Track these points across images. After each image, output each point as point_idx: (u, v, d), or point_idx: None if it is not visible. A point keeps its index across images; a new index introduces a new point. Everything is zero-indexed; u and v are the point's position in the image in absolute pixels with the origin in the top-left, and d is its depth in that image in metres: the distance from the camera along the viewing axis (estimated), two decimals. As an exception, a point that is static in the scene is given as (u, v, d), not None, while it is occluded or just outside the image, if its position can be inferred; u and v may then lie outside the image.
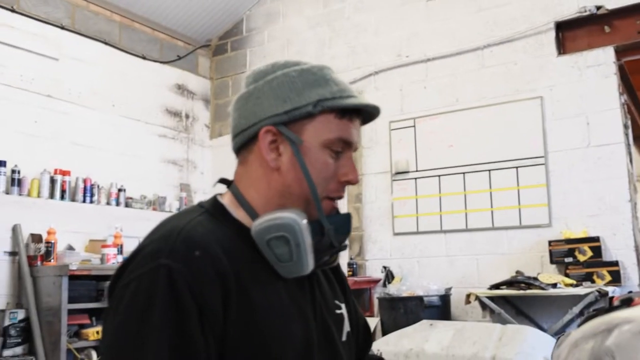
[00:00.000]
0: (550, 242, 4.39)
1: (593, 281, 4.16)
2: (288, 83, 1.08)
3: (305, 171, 1.05)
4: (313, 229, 1.03)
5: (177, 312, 0.89)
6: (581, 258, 4.24)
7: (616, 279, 4.13)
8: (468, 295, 4.31)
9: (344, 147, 1.09)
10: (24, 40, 4.92)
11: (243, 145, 1.12)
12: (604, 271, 4.17)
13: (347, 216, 1.14)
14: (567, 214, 4.47)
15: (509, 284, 4.31)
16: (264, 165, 1.08)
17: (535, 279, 4.22)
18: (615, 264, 4.18)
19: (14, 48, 4.84)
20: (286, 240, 1.00)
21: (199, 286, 0.91)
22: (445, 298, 4.61)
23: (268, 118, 1.07)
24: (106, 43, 5.60)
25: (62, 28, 5.24)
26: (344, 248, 1.13)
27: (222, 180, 1.20)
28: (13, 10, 4.89)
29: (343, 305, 1.23)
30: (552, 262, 4.37)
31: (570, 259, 4.27)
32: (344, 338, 1.18)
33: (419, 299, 4.48)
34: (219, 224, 1.05)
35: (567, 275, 4.26)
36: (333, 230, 1.07)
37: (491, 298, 4.21)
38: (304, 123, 1.07)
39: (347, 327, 1.21)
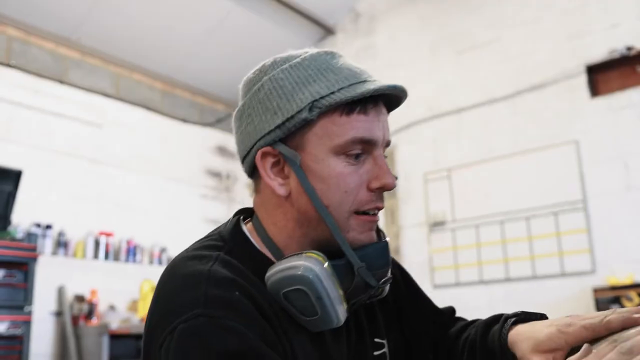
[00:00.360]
0: (594, 290, 4.21)
1: (643, 330, 3.94)
2: (276, 89, 0.89)
3: (311, 192, 0.86)
4: (341, 270, 0.85)
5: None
6: (628, 305, 4.04)
7: (668, 326, 3.90)
8: (511, 348, 4.15)
9: (366, 147, 0.88)
10: (71, 109, 5.22)
11: (251, 173, 0.95)
12: (653, 319, 3.95)
13: (383, 246, 0.91)
14: (611, 259, 4.30)
15: (554, 334, 4.13)
16: (273, 192, 0.91)
17: (581, 328, 4.03)
18: (666, 310, 3.96)
19: (61, 117, 5.13)
20: (304, 293, 0.82)
21: (252, 327, 0.77)
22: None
23: (262, 138, 0.89)
24: (148, 109, 5.87)
25: (107, 96, 5.54)
26: (384, 285, 0.91)
27: (243, 210, 1.02)
28: (62, 82, 5.22)
29: (385, 342, 1.03)
30: (597, 310, 4.17)
31: (616, 307, 4.07)
32: None
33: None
34: (246, 263, 0.88)
35: (615, 324, 4.05)
36: (365, 268, 0.86)
37: (535, 350, 4.04)
38: (305, 132, 0.87)
39: None
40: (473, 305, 4.85)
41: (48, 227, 4.78)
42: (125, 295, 5.12)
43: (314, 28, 6.32)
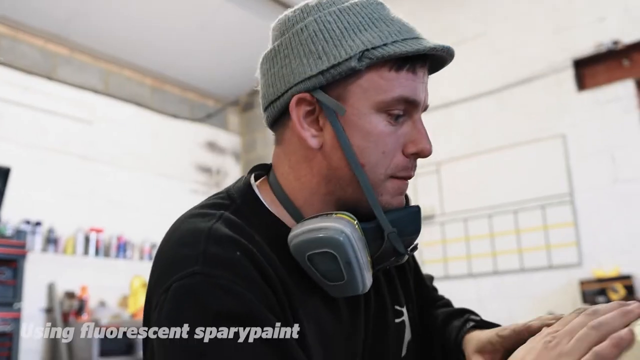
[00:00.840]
0: (581, 282, 4.25)
1: (629, 321, 3.99)
2: (322, 32, 0.82)
3: (348, 149, 0.80)
4: (370, 234, 0.80)
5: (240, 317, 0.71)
6: (614, 297, 4.08)
7: (653, 318, 3.94)
8: (498, 340, 4.18)
9: (408, 108, 0.83)
10: (60, 105, 5.21)
11: (276, 120, 0.88)
12: (639, 310, 3.99)
13: (416, 211, 0.87)
14: (598, 252, 4.33)
15: (541, 327, 4.17)
16: (303, 144, 0.84)
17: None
18: (652, 302, 4.00)
19: (51, 114, 5.13)
20: (332, 256, 0.77)
21: (252, 290, 0.73)
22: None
23: (300, 83, 0.82)
24: (138, 105, 5.87)
25: (97, 93, 5.53)
26: (411, 252, 0.87)
27: (259, 167, 0.96)
28: (50, 78, 5.21)
29: (404, 310, 1.00)
30: (584, 302, 4.21)
31: (603, 299, 4.11)
32: (403, 352, 0.97)
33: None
34: (253, 223, 0.82)
35: (601, 316, 4.09)
36: (396, 233, 0.81)
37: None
38: (349, 83, 0.81)
39: (408, 336, 0.99)
40: (462, 299, 4.87)
41: (38, 224, 4.78)
42: (116, 291, 5.13)
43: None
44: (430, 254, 5.13)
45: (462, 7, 5.33)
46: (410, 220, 0.85)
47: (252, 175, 0.92)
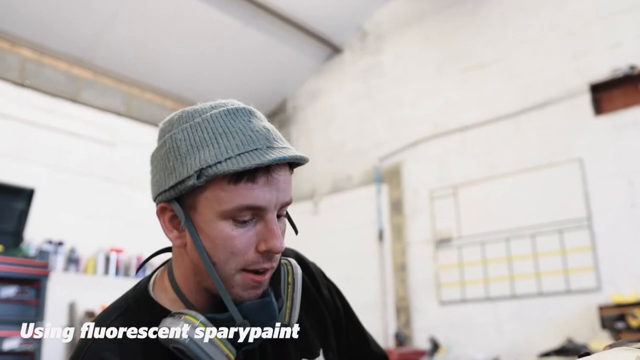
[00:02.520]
0: (600, 308, 4.23)
1: (648, 347, 3.95)
2: (174, 149, 0.91)
3: (200, 250, 0.91)
4: (227, 324, 0.91)
5: None
6: (633, 323, 4.05)
7: (673, 344, 3.90)
8: (516, 365, 4.17)
9: (255, 212, 0.91)
10: (84, 128, 5.32)
11: None
12: (659, 336, 3.96)
13: (265, 302, 0.95)
14: (617, 276, 4.32)
15: (559, 352, 4.15)
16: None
17: (586, 346, 4.05)
18: (672, 328, 3.97)
19: (75, 136, 5.24)
20: (184, 351, 0.88)
21: None
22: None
23: (160, 194, 0.93)
24: (159, 127, 5.96)
25: (119, 115, 5.65)
26: (260, 342, 0.95)
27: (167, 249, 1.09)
28: (74, 101, 5.33)
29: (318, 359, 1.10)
30: (603, 327, 4.18)
31: (622, 325, 4.09)
32: None
33: (465, 368, 4.36)
34: (139, 322, 0.96)
35: (620, 342, 4.06)
36: (248, 324, 0.92)
37: (541, 367, 4.05)
38: (197, 194, 0.90)
39: None
40: (479, 322, 4.88)
41: (60, 244, 4.87)
42: None
43: (321, 47, 6.42)
44: (447, 277, 5.13)
45: (479, 32, 5.39)
46: (261, 311, 0.94)
47: (154, 277, 1.06)
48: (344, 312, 1.21)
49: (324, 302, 1.18)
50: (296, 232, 1.03)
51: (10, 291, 3.86)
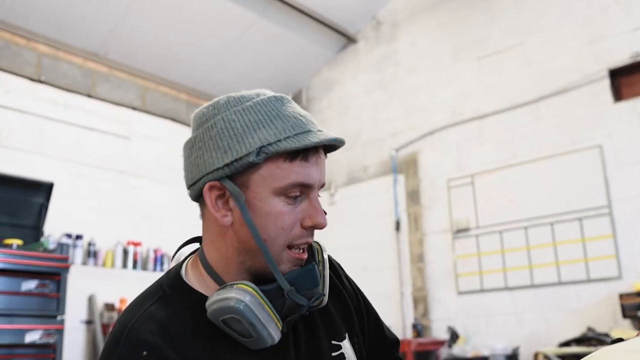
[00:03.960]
0: (621, 296, 4.17)
1: (671, 336, 3.90)
2: (228, 129, 0.95)
3: (252, 227, 0.95)
4: (273, 294, 0.95)
5: None
6: (655, 311, 4.00)
7: (697, 332, 3.85)
8: (536, 355, 4.14)
9: (304, 189, 0.97)
10: (99, 122, 5.35)
11: (197, 199, 1.03)
12: (682, 325, 3.90)
13: (309, 269, 1.01)
14: (638, 264, 4.25)
15: (580, 341, 4.12)
16: (217, 222, 0.99)
17: (607, 335, 4.01)
18: (695, 316, 3.91)
19: (91, 130, 5.27)
20: (238, 320, 0.91)
21: None
22: (512, 358, 4.43)
23: (210, 173, 0.96)
24: (174, 120, 5.98)
25: (134, 109, 5.67)
26: (315, 304, 1.02)
27: (198, 238, 1.12)
28: (90, 96, 5.36)
29: (343, 343, 1.12)
30: (624, 316, 4.13)
31: (643, 313, 4.03)
32: None
33: (484, 359, 4.34)
34: (177, 307, 0.99)
35: (642, 331, 4.01)
36: (294, 290, 0.97)
37: (561, 357, 4.02)
38: (250, 172, 0.95)
39: None
40: (498, 312, 4.84)
41: (78, 237, 4.91)
42: None
43: (336, 37, 6.39)
44: (465, 267, 5.10)
45: (495, 19, 5.32)
46: (306, 277, 0.99)
47: (186, 264, 1.09)
48: (362, 298, 1.26)
49: (344, 288, 1.22)
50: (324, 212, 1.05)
51: (31, 285, 3.90)
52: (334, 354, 1.09)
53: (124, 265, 5.17)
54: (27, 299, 3.86)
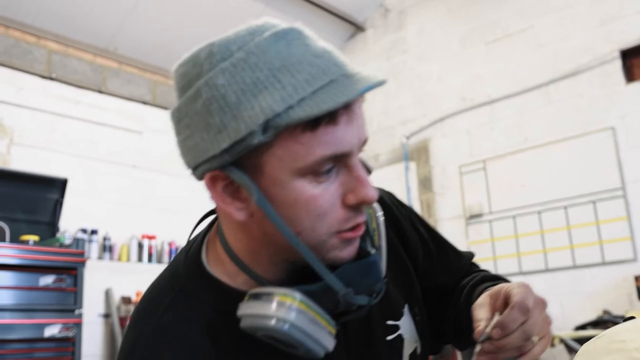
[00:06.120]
0: (636, 278, 4.15)
1: (688, 317, 3.88)
2: (216, 99, 0.69)
3: (278, 222, 0.71)
4: (324, 295, 0.74)
5: None
6: (672, 292, 3.98)
7: None
8: (553, 339, 4.13)
9: (337, 160, 0.71)
10: (111, 117, 5.38)
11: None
12: (699, 305, 3.88)
13: (368, 263, 0.78)
14: (653, 246, 4.23)
15: (596, 324, 4.10)
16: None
17: (623, 317, 3.99)
18: None
19: (102, 125, 5.30)
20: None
21: None
22: (528, 342, 4.43)
23: (207, 161, 0.72)
24: (185, 114, 6.00)
25: (145, 103, 5.69)
26: (377, 300, 0.79)
27: (211, 212, 0.91)
28: (101, 92, 5.38)
29: (401, 321, 0.94)
30: (640, 299, 4.12)
31: (659, 294, 4.02)
32: None
33: (501, 344, 4.34)
34: (199, 309, 0.81)
35: (659, 312, 4.00)
36: (351, 293, 0.75)
37: (578, 340, 4.01)
38: (261, 153, 0.69)
39: (409, 348, 0.93)
40: (513, 297, 4.83)
41: (93, 232, 4.95)
42: None
43: (344, 25, 6.36)
44: (479, 252, 5.09)
45: (503, 2, 5.28)
46: (366, 273, 0.78)
47: (205, 243, 0.88)
48: (430, 239, 1.04)
49: (404, 244, 1.00)
50: (369, 171, 0.79)
51: (48, 280, 3.95)
52: (389, 337, 0.91)
53: (139, 258, 5.21)
54: (45, 294, 3.91)
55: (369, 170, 0.78)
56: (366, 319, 0.87)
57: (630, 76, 4.56)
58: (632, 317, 0.94)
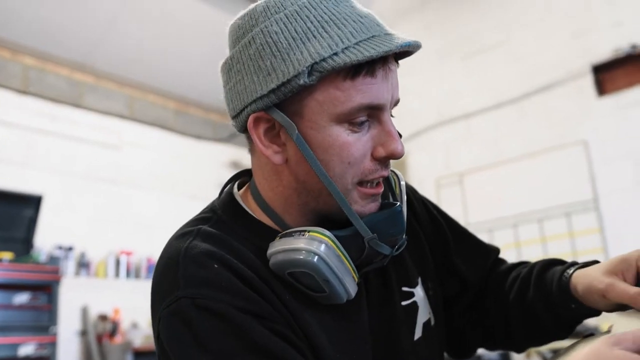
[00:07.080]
0: (610, 289, 4.20)
1: (660, 327, 3.93)
2: (269, 45, 0.77)
3: (314, 162, 0.78)
4: (350, 241, 0.79)
5: (234, 332, 0.73)
6: (644, 303, 4.03)
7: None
8: (529, 351, 4.17)
9: (372, 112, 0.78)
10: (88, 132, 5.36)
11: (244, 130, 0.85)
12: (671, 316, 3.94)
13: (395, 212, 0.83)
14: (626, 258, 4.29)
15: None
16: (269, 159, 0.83)
17: (596, 328, 4.04)
18: (683, 307, 3.95)
19: (80, 141, 5.27)
20: (310, 274, 0.76)
21: (238, 299, 0.75)
22: (504, 356, 4.46)
23: (254, 102, 0.79)
24: (163, 128, 5.99)
25: (122, 118, 5.67)
26: (398, 252, 0.84)
27: (244, 172, 0.96)
28: (77, 106, 5.36)
29: (415, 291, 0.96)
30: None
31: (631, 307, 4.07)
32: (418, 335, 0.94)
33: (477, 358, 4.36)
34: (237, 232, 0.84)
35: (632, 323, 4.05)
36: (376, 239, 0.80)
37: (554, 351, 4.05)
38: (303, 97, 0.77)
39: (423, 317, 0.96)
40: (490, 309, 4.87)
41: (70, 249, 4.91)
42: (147, 312, 5.10)
43: (321, 40, 6.40)
44: (457, 264, 5.13)
45: (479, 17, 5.36)
46: (391, 222, 0.83)
47: (236, 184, 0.94)
48: (447, 225, 1.08)
49: (419, 223, 1.04)
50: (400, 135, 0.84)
51: (23, 298, 3.92)
52: (404, 302, 0.94)
53: (117, 274, 5.18)
54: (20, 312, 3.88)
55: (399, 134, 0.83)
56: (385, 279, 0.92)
57: (602, 90, 4.64)
58: (591, 334, 0.95)
